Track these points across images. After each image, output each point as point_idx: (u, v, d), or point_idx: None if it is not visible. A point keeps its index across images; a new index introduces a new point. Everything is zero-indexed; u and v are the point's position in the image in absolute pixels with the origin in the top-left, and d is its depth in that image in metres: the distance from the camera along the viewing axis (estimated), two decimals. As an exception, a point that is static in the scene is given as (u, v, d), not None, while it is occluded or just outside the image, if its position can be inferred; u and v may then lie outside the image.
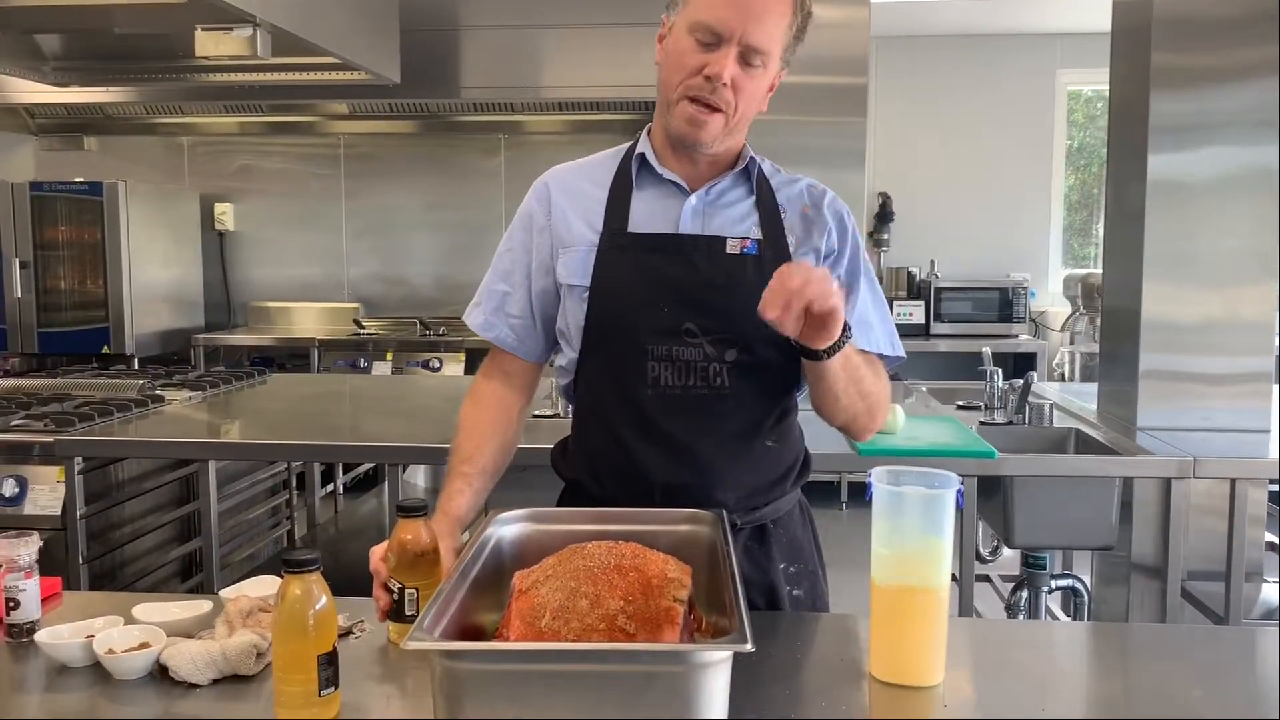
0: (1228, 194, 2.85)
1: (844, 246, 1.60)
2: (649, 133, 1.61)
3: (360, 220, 6.02)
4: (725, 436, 1.52)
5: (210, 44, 3.12)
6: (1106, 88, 3.22)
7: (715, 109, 1.47)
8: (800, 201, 1.59)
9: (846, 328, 1.39)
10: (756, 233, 1.54)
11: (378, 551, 1.41)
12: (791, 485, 1.62)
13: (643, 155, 1.58)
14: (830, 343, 1.37)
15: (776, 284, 1.28)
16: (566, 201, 1.60)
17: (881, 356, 1.61)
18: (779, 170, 1.64)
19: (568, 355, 1.61)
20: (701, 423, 1.51)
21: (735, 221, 1.55)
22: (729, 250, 1.52)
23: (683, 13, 1.48)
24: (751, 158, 1.58)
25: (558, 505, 1.67)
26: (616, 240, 1.54)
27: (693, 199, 1.55)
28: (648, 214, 1.56)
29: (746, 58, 1.46)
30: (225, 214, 6.01)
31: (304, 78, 4.19)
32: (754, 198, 1.57)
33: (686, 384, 1.50)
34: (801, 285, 1.27)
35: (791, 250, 1.55)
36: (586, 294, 1.54)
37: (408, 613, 1.35)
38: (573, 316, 1.57)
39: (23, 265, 5.06)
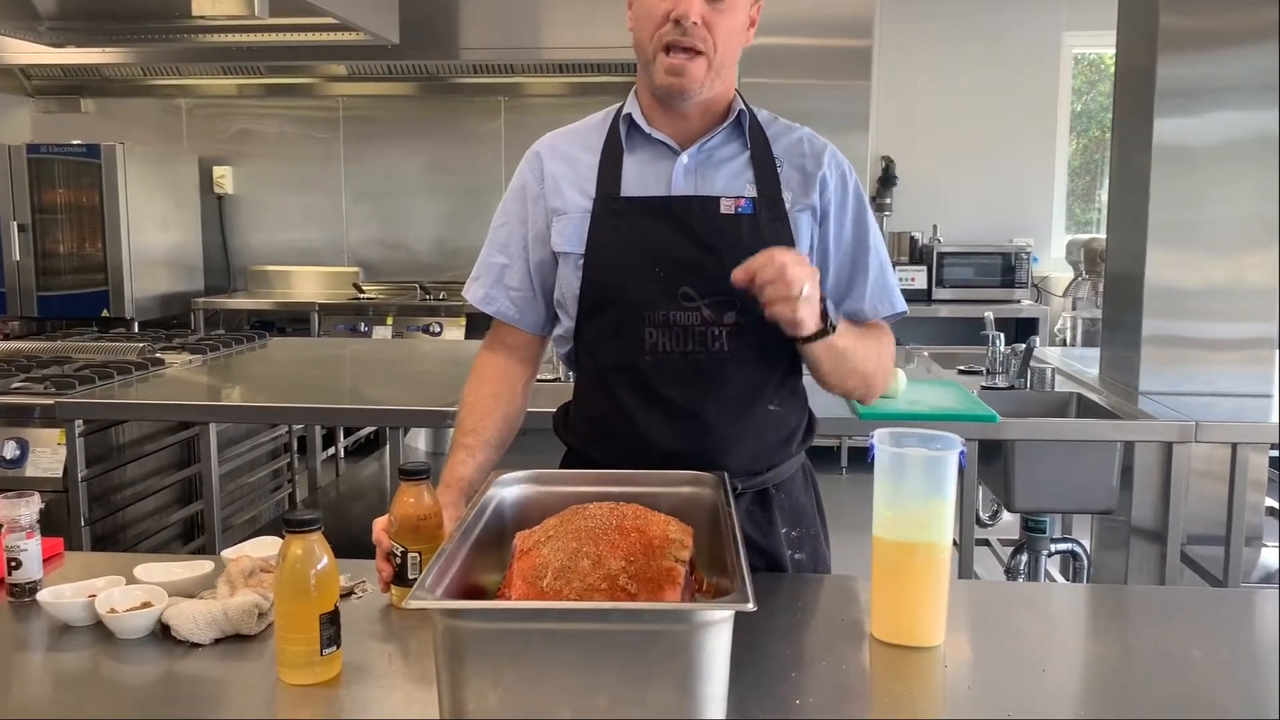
0: (1234, 159, 2.83)
1: (845, 202, 1.57)
2: (635, 94, 1.58)
3: (359, 184, 5.99)
4: (726, 401, 1.51)
5: (207, 3, 3.09)
6: (1111, 51, 3.19)
7: (695, 52, 1.44)
8: (798, 152, 1.56)
9: (828, 325, 1.40)
10: (751, 190, 1.51)
11: (381, 523, 1.40)
12: (796, 448, 1.61)
13: (630, 117, 1.55)
14: (802, 335, 1.38)
15: (765, 259, 1.32)
16: (559, 169, 1.58)
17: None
18: (776, 119, 1.61)
19: (565, 324, 1.60)
20: (702, 388, 1.50)
21: (729, 179, 1.53)
22: (723, 210, 1.49)
23: None
24: (742, 109, 1.55)
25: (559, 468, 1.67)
26: (609, 205, 1.52)
27: (684, 157, 1.52)
28: (639, 177, 1.53)
29: None
30: (224, 177, 5.98)
31: (302, 38, 4.16)
32: (748, 153, 1.54)
33: (685, 349, 1.49)
34: (775, 275, 1.31)
35: (788, 206, 1.52)
36: (581, 261, 1.52)
37: (410, 576, 1.35)
38: (568, 284, 1.55)
39: (21, 228, 5.04)
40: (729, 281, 1.40)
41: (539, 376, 1.74)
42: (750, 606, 0.97)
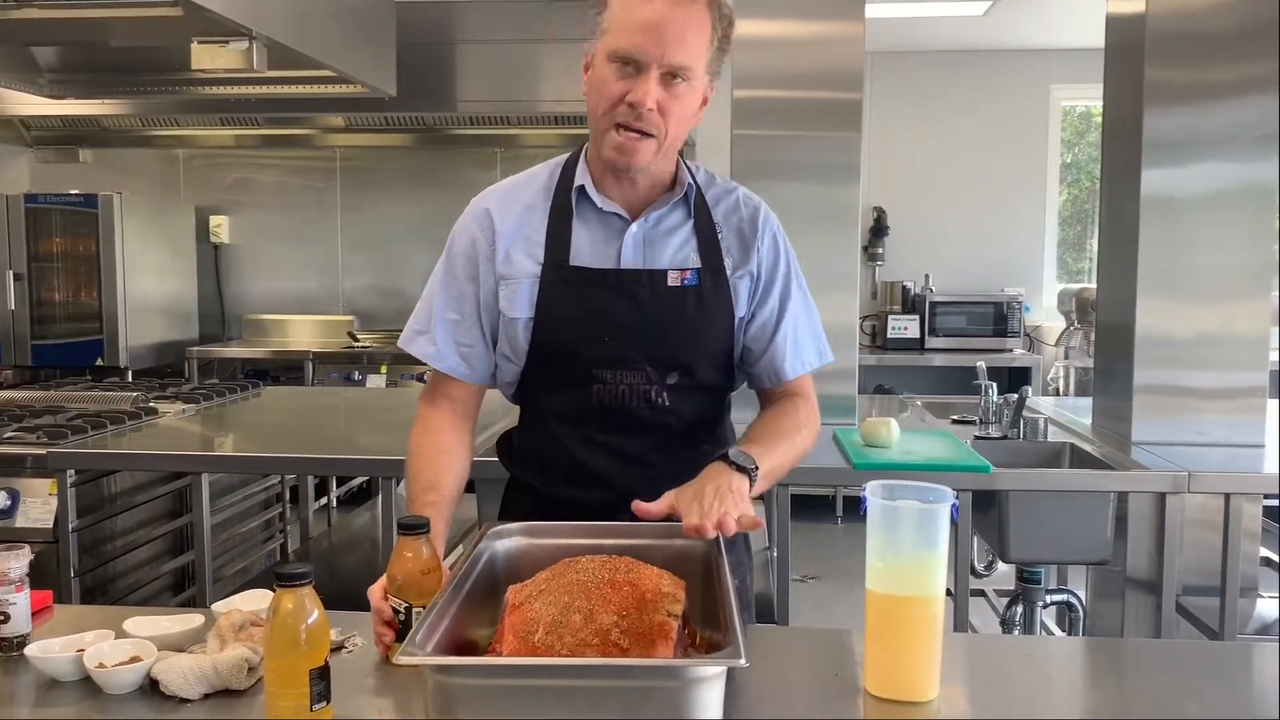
0: (1222, 209, 2.85)
1: (775, 266, 1.64)
2: (585, 157, 1.61)
3: (355, 233, 6.03)
4: (667, 445, 1.59)
5: (206, 57, 3.12)
6: (1099, 103, 3.23)
7: (646, 134, 1.48)
8: (736, 216, 1.63)
9: (750, 474, 1.45)
10: (695, 260, 1.58)
11: (376, 591, 1.38)
12: None
13: (582, 188, 1.59)
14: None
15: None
16: (508, 230, 1.60)
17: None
18: (713, 179, 1.67)
19: (510, 370, 1.64)
20: (644, 436, 1.59)
21: (675, 249, 1.58)
22: (670, 283, 1.56)
23: (602, 41, 1.50)
24: (689, 183, 1.60)
25: (504, 496, 1.72)
26: (558, 273, 1.56)
27: (634, 228, 1.58)
28: (589, 245, 1.58)
29: (669, 79, 1.46)
30: (220, 226, 6.02)
31: (300, 91, 4.20)
32: (692, 221, 1.60)
33: (629, 404, 1.57)
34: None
35: (729, 274, 1.59)
36: (531, 324, 1.57)
37: (414, 632, 1.33)
38: (516, 343, 1.60)
39: (17, 277, 5.05)
40: (673, 349, 1.54)
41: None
42: (743, 662, 0.97)
